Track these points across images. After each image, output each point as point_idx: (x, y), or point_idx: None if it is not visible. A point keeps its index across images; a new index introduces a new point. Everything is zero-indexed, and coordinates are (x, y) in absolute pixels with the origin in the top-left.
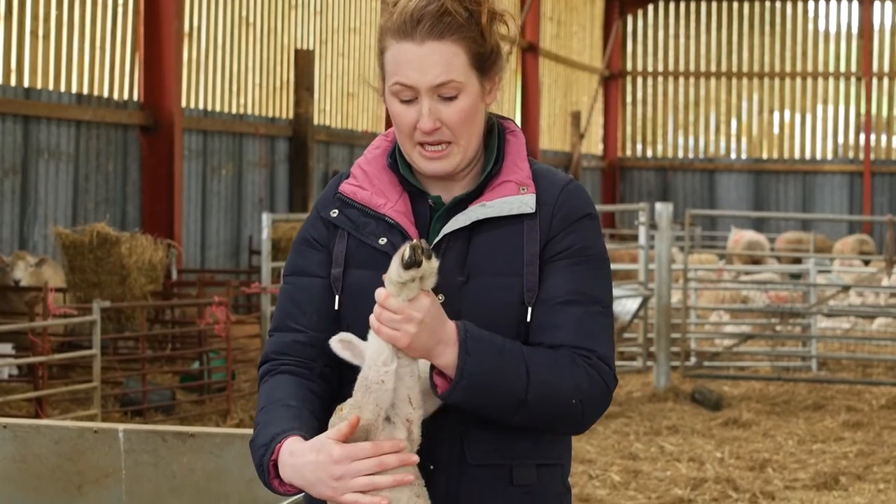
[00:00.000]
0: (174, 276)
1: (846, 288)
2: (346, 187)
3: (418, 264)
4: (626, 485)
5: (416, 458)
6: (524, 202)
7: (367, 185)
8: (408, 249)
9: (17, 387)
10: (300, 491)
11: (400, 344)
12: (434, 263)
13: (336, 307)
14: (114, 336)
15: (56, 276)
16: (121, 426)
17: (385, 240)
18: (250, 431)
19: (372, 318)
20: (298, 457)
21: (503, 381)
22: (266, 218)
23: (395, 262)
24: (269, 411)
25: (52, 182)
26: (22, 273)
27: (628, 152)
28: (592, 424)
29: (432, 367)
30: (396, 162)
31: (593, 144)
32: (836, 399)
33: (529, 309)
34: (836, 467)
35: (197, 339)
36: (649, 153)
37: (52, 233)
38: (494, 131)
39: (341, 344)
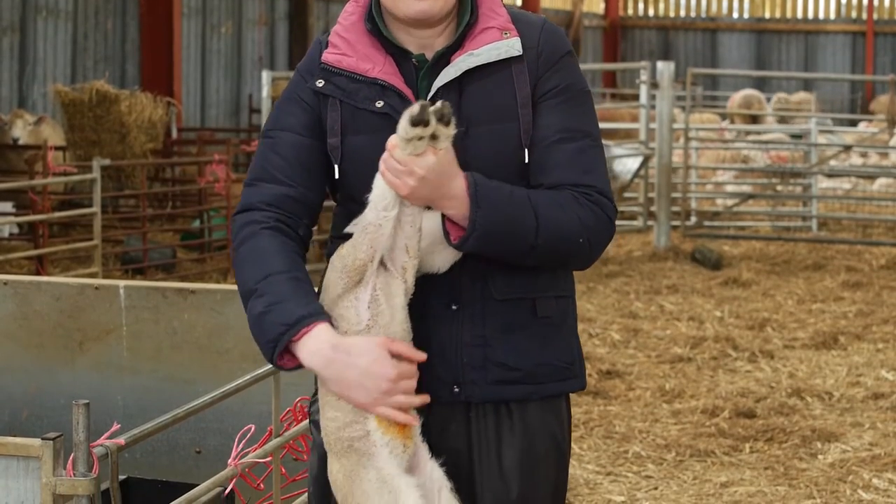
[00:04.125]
0: (174, 134)
1: (847, 148)
2: (328, 56)
3: (425, 123)
4: (626, 343)
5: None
6: (511, 46)
7: (350, 51)
8: (417, 107)
9: (18, 245)
10: (299, 366)
11: (400, 193)
12: (451, 130)
13: (336, 176)
14: (114, 194)
15: (55, 135)
16: (121, 283)
17: (382, 102)
18: None
19: (381, 160)
20: (346, 355)
21: (514, 228)
22: (266, 76)
23: (404, 119)
24: (278, 283)
25: (51, 40)
26: (21, 131)
27: (630, 11)
28: (599, 256)
29: (444, 217)
30: (376, 26)
31: (594, 3)
32: (835, 259)
33: (527, 150)
34: (836, 327)
35: (197, 197)
36: (651, 12)
37: (51, 91)
38: None
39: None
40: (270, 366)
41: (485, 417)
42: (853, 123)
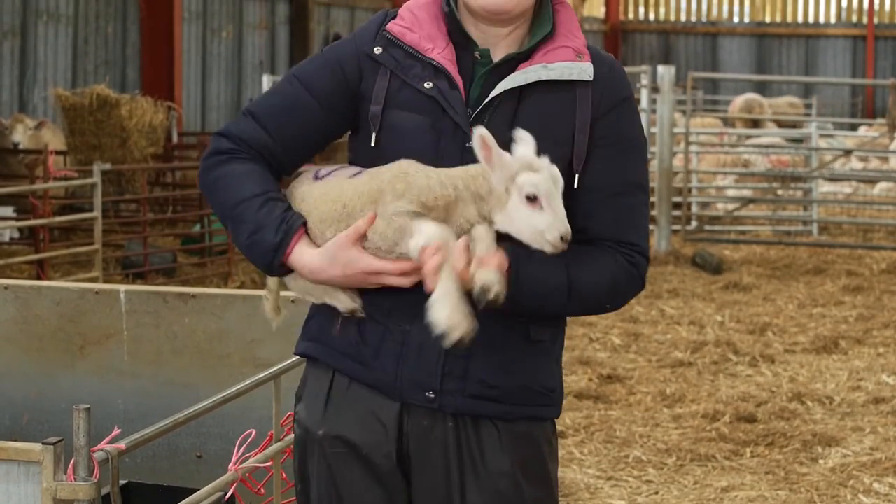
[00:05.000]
0: (175, 138)
1: (848, 152)
2: (394, 27)
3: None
4: (627, 347)
5: None
6: (583, 69)
7: (416, 27)
8: (479, 290)
9: (19, 249)
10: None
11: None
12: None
13: (372, 144)
14: (115, 199)
15: (56, 139)
16: (122, 287)
17: (431, 84)
18: (252, 293)
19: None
20: (329, 263)
21: (546, 304)
22: (266, 80)
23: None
24: (252, 209)
25: (52, 44)
26: (21, 136)
27: (630, 15)
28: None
29: None
30: (451, 9)
31: (595, 7)
32: (836, 263)
33: (577, 175)
34: (836, 331)
35: (198, 201)
36: (651, 16)
37: (51, 95)
38: (545, 1)
39: (481, 140)
40: (271, 371)
41: (465, 429)
42: (854, 128)
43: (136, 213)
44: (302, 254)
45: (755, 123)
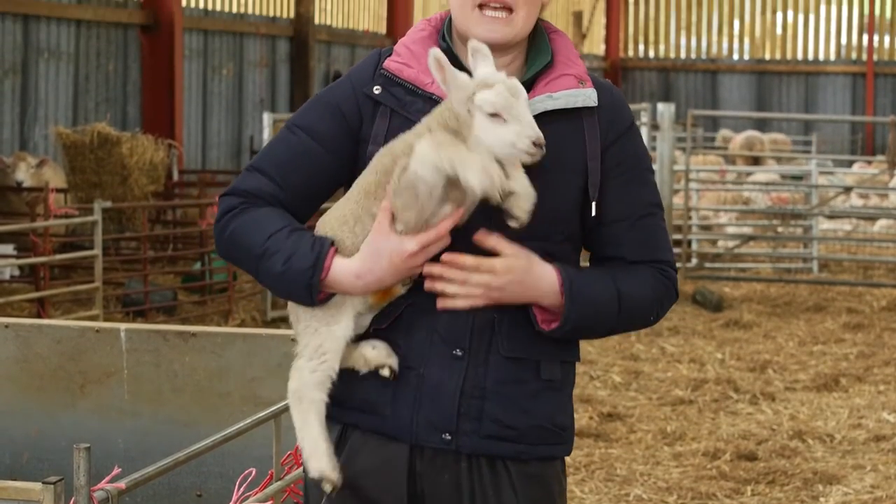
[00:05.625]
0: (175, 176)
1: (848, 189)
2: (391, 64)
3: None
4: (627, 385)
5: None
6: (588, 95)
7: (414, 62)
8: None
9: (19, 287)
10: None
11: (480, 304)
12: None
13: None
14: (115, 237)
15: (57, 177)
16: (122, 325)
17: None
18: (252, 331)
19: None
20: (372, 264)
21: (600, 319)
22: (267, 118)
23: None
24: (281, 239)
25: (53, 82)
26: (24, 174)
27: (630, 53)
28: None
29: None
30: (448, 45)
31: (595, 44)
32: (836, 300)
33: (594, 203)
34: (837, 369)
35: (198, 239)
36: (651, 53)
37: (52, 133)
38: (539, 30)
39: (436, 63)
40: (271, 409)
41: (479, 470)
42: (851, 164)
43: (137, 250)
44: (341, 264)
45: (756, 161)
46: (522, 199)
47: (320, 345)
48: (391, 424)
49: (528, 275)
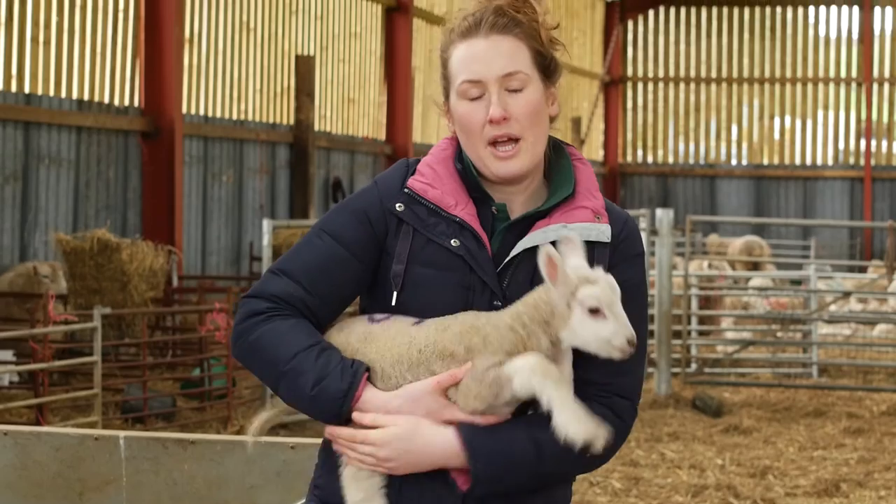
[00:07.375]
0: (175, 282)
1: (847, 294)
2: (415, 184)
3: None
4: (627, 492)
5: None
6: (601, 231)
7: (437, 183)
8: None
9: (18, 394)
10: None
11: (370, 468)
12: None
13: (393, 303)
14: (115, 343)
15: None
16: (122, 433)
17: (458, 242)
18: (252, 439)
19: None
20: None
21: (517, 473)
22: (267, 224)
23: None
24: (309, 359)
25: (53, 188)
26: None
27: (629, 158)
28: (611, 458)
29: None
30: (466, 167)
31: (594, 150)
32: (836, 405)
33: None
34: (837, 474)
35: (198, 345)
36: (650, 159)
37: (52, 239)
38: (562, 152)
39: (548, 260)
40: None
41: None
42: (852, 269)
43: (136, 356)
44: (374, 395)
45: (755, 266)
46: None
47: None
48: None
49: (413, 442)
